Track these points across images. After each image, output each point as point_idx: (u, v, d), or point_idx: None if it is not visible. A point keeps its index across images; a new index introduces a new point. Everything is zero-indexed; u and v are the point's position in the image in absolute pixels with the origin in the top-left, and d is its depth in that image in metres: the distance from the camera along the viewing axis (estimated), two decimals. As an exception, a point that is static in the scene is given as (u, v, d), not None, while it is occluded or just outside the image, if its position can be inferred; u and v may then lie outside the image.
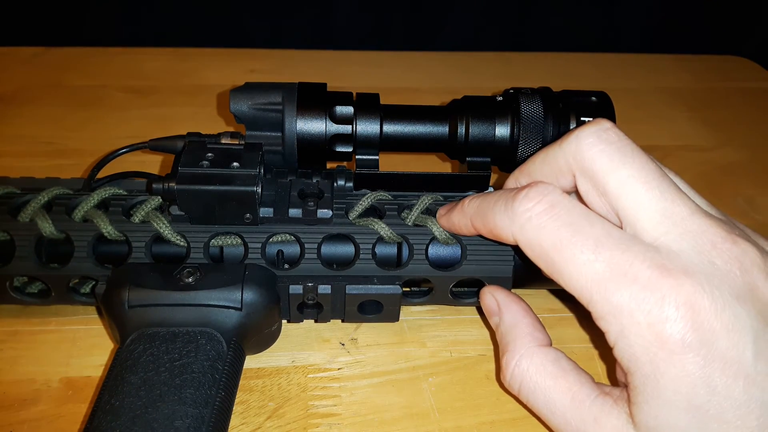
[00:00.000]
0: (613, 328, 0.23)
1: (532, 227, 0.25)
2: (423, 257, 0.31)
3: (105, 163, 0.33)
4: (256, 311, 0.29)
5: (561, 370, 0.26)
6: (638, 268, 0.23)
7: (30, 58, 0.57)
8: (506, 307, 0.30)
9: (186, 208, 0.30)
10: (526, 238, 0.25)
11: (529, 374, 0.27)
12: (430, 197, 0.32)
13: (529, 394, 0.27)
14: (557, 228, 0.24)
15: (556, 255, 0.24)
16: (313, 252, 0.31)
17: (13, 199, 0.31)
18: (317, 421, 0.30)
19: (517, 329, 0.29)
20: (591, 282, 0.23)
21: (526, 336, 0.28)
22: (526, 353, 0.27)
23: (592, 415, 0.25)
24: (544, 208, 0.25)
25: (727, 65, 0.65)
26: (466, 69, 0.61)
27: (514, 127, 0.32)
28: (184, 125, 0.35)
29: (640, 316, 0.22)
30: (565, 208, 0.25)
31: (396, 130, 0.33)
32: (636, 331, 0.22)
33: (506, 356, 0.28)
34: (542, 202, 0.25)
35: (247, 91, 0.32)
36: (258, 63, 0.59)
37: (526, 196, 0.25)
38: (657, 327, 0.22)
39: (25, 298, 0.32)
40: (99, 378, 0.31)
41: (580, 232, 0.24)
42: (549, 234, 0.24)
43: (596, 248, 0.23)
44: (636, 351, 0.23)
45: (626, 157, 0.24)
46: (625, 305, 0.22)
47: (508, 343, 0.28)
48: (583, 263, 0.23)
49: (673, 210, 0.24)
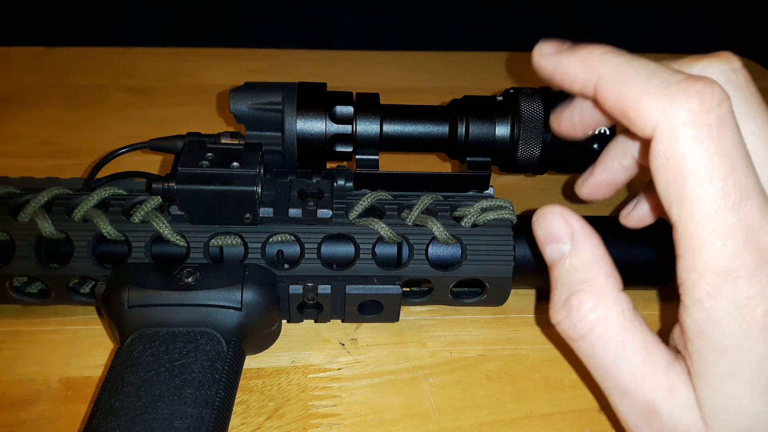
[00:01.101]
0: (707, 287, 0.20)
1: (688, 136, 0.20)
2: (423, 257, 0.31)
3: (105, 163, 0.33)
4: (256, 311, 0.29)
5: (639, 324, 0.23)
6: (765, 236, 0.20)
7: (30, 58, 0.57)
8: (585, 238, 0.24)
9: (186, 208, 0.30)
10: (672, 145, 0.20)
11: (606, 323, 0.23)
12: (430, 197, 0.32)
13: (597, 343, 0.23)
14: (715, 154, 0.20)
15: (694, 184, 0.20)
16: (313, 252, 0.31)
17: (12, 199, 0.31)
18: (317, 421, 0.30)
19: (596, 267, 0.24)
20: (713, 233, 0.20)
21: (607, 276, 0.23)
22: (606, 297, 0.23)
23: (667, 383, 0.22)
24: (712, 122, 0.20)
25: (727, 65, 0.65)
26: (466, 69, 0.61)
27: (514, 126, 0.32)
28: (184, 125, 0.35)
29: (745, 285, 0.20)
30: (732, 133, 0.20)
31: (396, 130, 0.33)
32: (732, 299, 0.20)
33: (581, 296, 0.23)
34: (713, 112, 0.20)
35: (247, 91, 0.32)
36: (258, 63, 0.59)
37: (699, 93, 0.20)
38: (756, 301, 0.20)
39: (25, 298, 0.32)
40: (99, 378, 0.31)
41: (735, 172, 0.20)
42: (703, 157, 0.20)
43: (741, 199, 0.20)
44: (723, 318, 0.20)
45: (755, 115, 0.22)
46: (735, 269, 0.20)
47: (583, 281, 0.24)
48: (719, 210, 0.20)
49: None
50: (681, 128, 0.20)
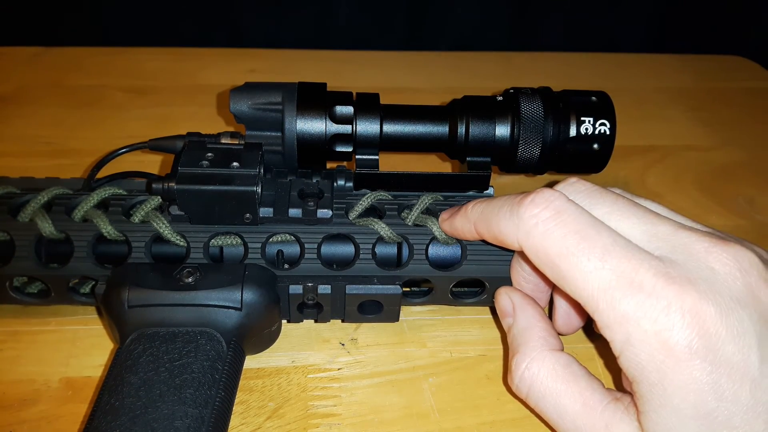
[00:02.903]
0: (619, 337, 0.23)
1: (538, 233, 0.25)
2: (423, 257, 0.31)
3: (105, 163, 0.33)
4: (256, 311, 0.29)
5: (572, 375, 0.26)
6: (644, 276, 0.23)
7: (30, 58, 0.57)
8: (521, 310, 0.29)
9: (186, 208, 0.30)
10: (531, 245, 0.25)
11: (539, 378, 0.26)
12: (430, 197, 0.32)
13: (538, 398, 0.27)
14: (564, 235, 0.24)
15: (562, 262, 0.24)
16: (313, 252, 0.31)
17: (12, 199, 0.31)
18: (317, 422, 0.30)
19: (529, 332, 0.28)
20: (597, 290, 0.23)
21: (538, 339, 0.28)
22: (537, 356, 0.27)
23: (603, 422, 0.25)
24: (551, 215, 0.25)
25: (727, 65, 0.65)
26: (466, 69, 0.61)
27: (514, 126, 0.32)
28: (184, 125, 0.35)
29: (647, 323, 0.22)
30: (572, 215, 0.24)
31: (396, 130, 0.33)
32: (642, 339, 0.22)
33: (516, 358, 0.28)
34: (549, 208, 0.25)
35: (247, 91, 0.32)
36: (258, 63, 0.59)
37: (532, 202, 0.25)
38: (663, 335, 0.22)
39: (24, 298, 0.32)
40: (99, 378, 0.31)
41: (587, 239, 0.24)
42: (555, 241, 0.24)
43: (603, 256, 0.23)
44: (642, 359, 0.22)
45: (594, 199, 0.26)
46: (631, 313, 0.22)
47: (519, 345, 0.28)
48: (590, 271, 0.23)
49: (656, 230, 0.24)
50: (532, 231, 0.25)
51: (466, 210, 0.29)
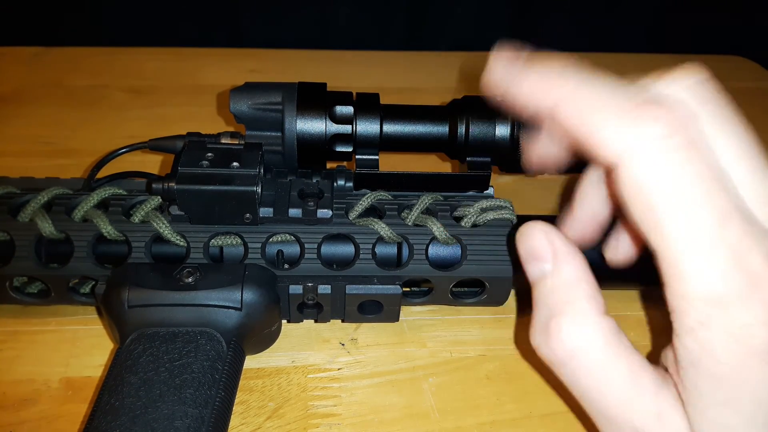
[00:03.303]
0: (698, 315, 0.19)
1: (655, 163, 0.19)
2: (423, 257, 0.31)
3: (105, 163, 0.33)
4: (256, 311, 0.29)
5: (624, 348, 0.22)
6: (754, 258, 0.19)
7: (30, 58, 0.57)
8: (566, 258, 0.23)
9: (186, 208, 0.30)
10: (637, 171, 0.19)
11: (588, 347, 0.21)
12: (430, 197, 0.32)
13: (579, 370, 0.22)
14: (686, 178, 0.19)
15: (669, 212, 0.19)
16: (313, 252, 0.31)
17: (12, 199, 0.31)
18: (317, 422, 0.30)
19: (577, 288, 0.22)
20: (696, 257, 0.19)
21: (589, 299, 0.22)
22: (587, 321, 0.22)
23: (655, 408, 0.21)
24: (679, 145, 0.19)
25: (727, 65, 0.65)
26: (466, 69, 0.61)
27: (514, 127, 0.32)
28: (184, 125, 0.35)
29: (738, 312, 0.19)
30: (702, 155, 0.19)
31: (396, 130, 0.33)
32: (726, 327, 0.19)
33: (559, 320, 0.22)
34: (679, 135, 0.19)
35: (247, 91, 0.32)
36: (258, 63, 0.59)
37: (663, 118, 0.19)
38: (753, 329, 0.19)
39: (24, 298, 0.32)
40: (99, 378, 0.31)
41: (710, 194, 0.19)
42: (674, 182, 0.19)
43: (720, 221, 0.19)
44: (717, 347, 0.19)
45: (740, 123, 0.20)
46: (726, 296, 0.19)
47: (564, 303, 0.22)
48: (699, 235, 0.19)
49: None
50: (647, 155, 0.19)
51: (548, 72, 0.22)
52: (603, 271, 0.24)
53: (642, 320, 0.36)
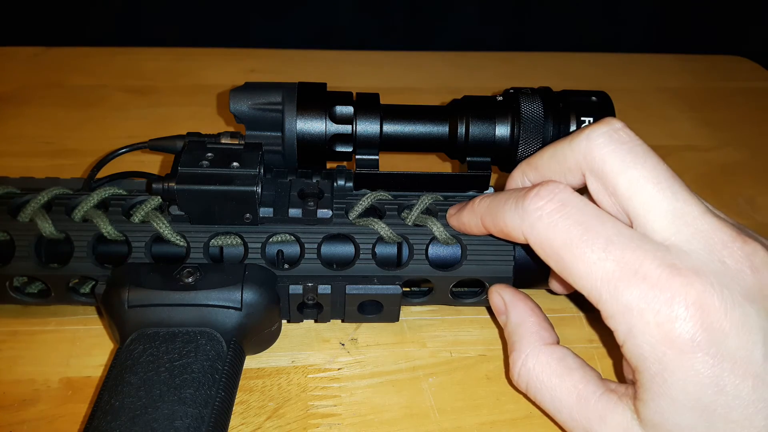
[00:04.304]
0: (622, 327, 0.23)
1: (542, 225, 0.25)
2: (423, 257, 0.31)
3: (105, 163, 0.33)
4: (256, 311, 0.29)
5: (566, 369, 0.27)
6: (648, 267, 0.23)
7: (30, 58, 0.57)
8: (513, 306, 0.30)
9: (186, 208, 0.30)
10: (536, 237, 0.25)
11: (535, 373, 0.27)
12: (430, 197, 0.32)
13: (536, 392, 0.27)
14: (568, 226, 0.24)
15: (566, 253, 0.24)
16: (313, 252, 0.31)
17: (12, 199, 0.31)
18: (317, 421, 0.30)
19: (523, 328, 0.29)
20: (601, 281, 0.23)
21: (532, 335, 0.28)
22: (531, 352, 0.28)
23: (597, 413, 0.25)
24: (555, 207, 0.25)
25: (727, 65, 0.65)
26: (466, 69, 0.61)
27: (514, 127, 0.32)
28: (184, 125, 0.35)
29: (650, 315, 0.22)
30: (575, 207, 0.25)
31: (396, 130, 0.33)
32: (645, 330, 0.22)
33: (513, 355, 0.28)
34: (553, 200, 0.25)
35: (247, 91, 0.32)
36: (258, 63, 0.59)
37: (537, 195, 0.25)
38: (666, 326, 0.22)
39: (24, 298, 0.32)
40: (99, 378, 0.31)
41: (591, 230, 0.24)
42: (559, 232, 0.24)
43: (606, 247, 0.23)
44: (644, 350, 0.23)
45: (638, 158, 0.24)
46: (635, 304, 0.23)
47: (515, 342, 0.29)
48: (594, 262, 0.23)
49: (685, 209, 0.24)
50: (536, 223, 0.25)
51: (473, 205, 0.30)
52: None
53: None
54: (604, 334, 0.35)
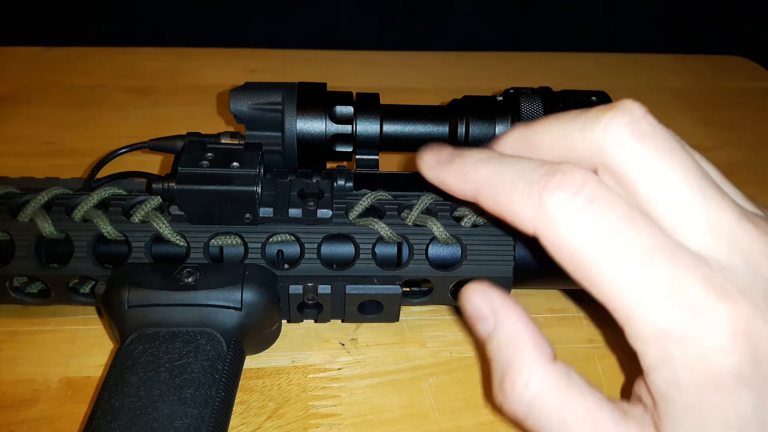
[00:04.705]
0: (655, 353, 0.20)
1: (564, 225, 0.20)
2: (423, 257, 0.31)
3: (105, 163, 0.33)
4: (256, 311, 0.29)
5: (577, 391, 0.22)
6: (691, 286, 0.19)
7: (30, 58, 0.57)
8: (505, 314, 0.23)
9: (186, 208, 0.30)
10: (554, 237, 0.21)
11: (543, 397, 0.22)
12: (430, 197, 0.32)
13: (540, 420, 0.22)
14: (596, 230, 0.20)
15: (592, 263, 0.20)
16: (313, 252, 0.31)
17: (12, 199, 0.31)
18: (317, 421, 0.30)
19: (521, 342, 0.23)
20: (633, 299, 0.20)
21: (533, 350, 0.22)
22: (537, 372, 0.22)
23: None
24: (582, 204, 0.20)
25: (727, 65, 0.65)
26: (466, 69, 0.61)
27: (514, 127, 0.32)
28: (184, 125, 0.35)
29: (691, 344, 0.19)
30: (606, 205, 0.20)
31: (396, 130, 0.33)
32: (684, 361, 0.19)
33: (512, 375, 0.22)
34: (580, 195, 0.20)
35: (247, 91, 0.32)
36: (258, 63, 0.59)
37: (560, 186, 0.20)
38: (710, 359, 0.19)
39: (24, 298, 0.32)
40: (99, 378, 0.31)
41: (624, 236, 0.20)
42: (585, 236, 0.20)
43: (644, 259, 0.19)
44: (681, 380, 0.20)
45: (663, 155, 0.21)
46: (674, 330, 0.19)
47: (511, 360, 0.23)
48: (627, 277, 0.20)
49: (719, 217, 0.20)
50: (555, 220, 0.20)
51: (465, 164, 0.24)
52: None
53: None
54: (605, 334, 0.35)
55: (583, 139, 0.22)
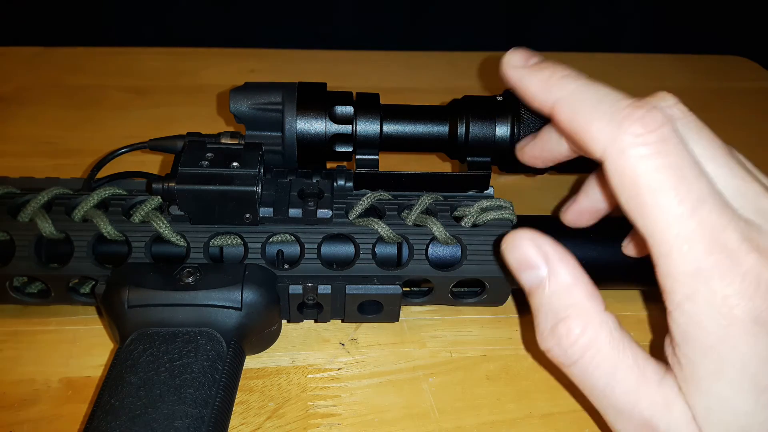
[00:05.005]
0: (684, 290, 0.21)
1: (635, 155, 0.22)
2: (423, 257, 0.31)
3: (105, 163, 0.33)
4: (256, 311, 0.29)
5: (627, 342, 0.23)
6: (730, 236, 0.21)
7: (30, 58, 0.57)
8: (561, 261, 0.24)
9: (186, 208, 0.30)
10: (622, 165, 0.22)
11: (597, 345, 0.23)
12: (430, 197, 0.32)
13: (588, 368, 0.23)
14: (662, 167, 0.21)
15: (650, 196, 0.21)
16: (313, 252, 0.31)
17: (13, 199, 0.31)
18: (317, 422, 0.30)
19: (577, 289, 0.24)
20: (677, 236, 0.21)
21: (590, 299, 0.24)
22: (593, 320, 0.23)
23: (662, 398, 0.22)
24: (656, 140, 0.22)
25: (727, 65, 0.65)
26: (466, 69, 0.61)
27: (514, 126, 0.32)
28: (184, 125, 0.35)
29: (718, 284, 0.21)
30: (676, 148, 0.22)
31: (396, 130, 0.33)
32: (709, 299, 0.21)
33: (567, 323, 0.23)
34: (656, 132, 0.22)
35: (247, 91, 0.32)
36: (258, 63, 0.59)
37: (642, 119, 0.22)
38: (732, 300, 0.20)
39: (25, 298, 0.32)
40: (99, 378, 0.31)
41: (685, 180, 0.21)
42: (651, 171, 0.21)
43: (696, 205, 0.21)
44: (703, 319, 0.21)
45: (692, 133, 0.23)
46: (706, 269, 0.21)
47: (567, 306, 0.23)
48: (678, 215, 0.21)
49: (747, 187, 0.23)
50: (628, 149, 0.22)
51: (552, 75, 0.25)
52: (604, 271, 0.25)
53: (642, 319, 0.36)
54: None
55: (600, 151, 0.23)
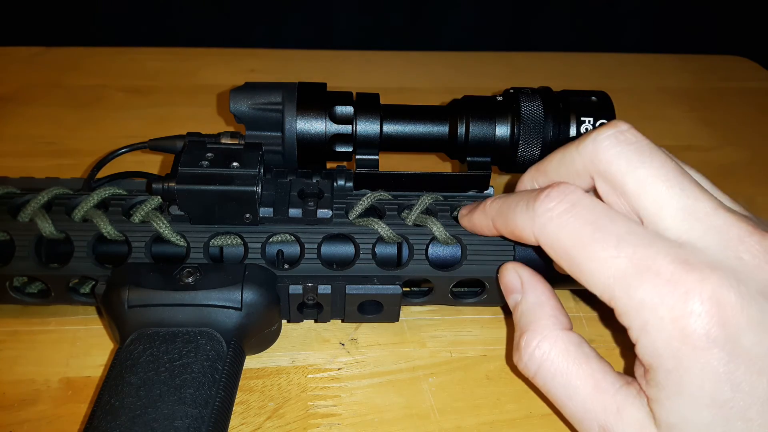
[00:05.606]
0: (636, 324, 0.23)
1: (553, 226, 0.25)
2: (423, 257, 0.31)
3: (105, 163, 0.33)
4: (256, 311, 0.29)
5: (584, 356, 0.26)
6: (661, 263, 0.22)
7: (30, 58, 0.57)
8: (531, 286, 0.29)
9: (186, 208, 0.30)
10: (547, 237, 0.25)
11: (550, 357, 0.26)
12: (430, 197, 0.32)
13: (547, 378, 0.26)
14: (578, 226, 0.24)
15: (576, 253, 0.24)
16: (313, 252, 0.31)
17: (13, 199, 0.31)
18: (317, 422, 0.30)
19: (540, 309, 0.27)
20: (613, 278, 0.23)
21: (550, 317, 0.27)
22: (549, 335, 0.26)
23: (614, 405, 0.24)
24: (566, 207, 0.25)
25: (727, 65, 0.65)
26: (466, 69, 0.61)
27: (514, 127, 0.32)
28: (184, 125, 0.35)
29: (664, 310, 0.22)
30: (586, 207, 0.24)
31: (396, 130, 0.33)
32: (659, 326, 0.22)
33: (526, 336, 0.27)
34: (563, 201, 0.25)
35: (247, 91, 0.32)
36: (258, 63, 0.59)
37: (547, 196, 0.25)
38: (681, 322, 0.22)
39: (25, 298, 0.32)
40: (99, 378, 0.31)
41: (602, 229, 0.24)
42: (570, 232, 0.24)
43: (618, 244, 0.23)
44: (659, 346, 0.22)
45: (644, 157, 0.24)
46: (648, 300, 0.22)
47: (529, 323, 0.27)
48: (605, 260, 0.23)
49: (696, 206, 0.23)
50: (547, 225, 0.25)
51: (485, 206, 0.30)
52: None
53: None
54: (605, 335, 0.35)
55: (578, 154, 0.26)
